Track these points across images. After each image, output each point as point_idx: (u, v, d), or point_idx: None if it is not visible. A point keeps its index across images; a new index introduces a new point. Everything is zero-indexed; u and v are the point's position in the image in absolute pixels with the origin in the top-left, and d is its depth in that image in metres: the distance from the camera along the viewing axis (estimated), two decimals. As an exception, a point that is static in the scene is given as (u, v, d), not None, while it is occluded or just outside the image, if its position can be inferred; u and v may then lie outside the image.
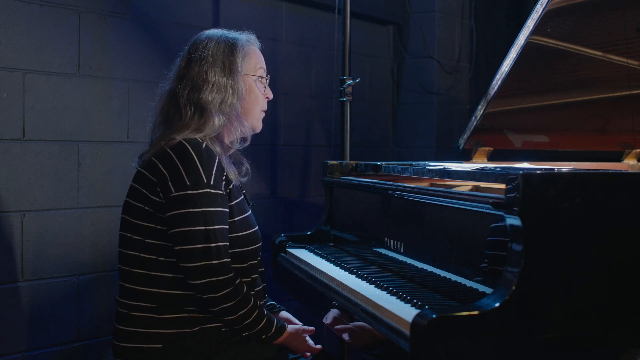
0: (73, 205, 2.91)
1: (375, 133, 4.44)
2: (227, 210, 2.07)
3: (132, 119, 3.07)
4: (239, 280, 2.03)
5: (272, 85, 2.35)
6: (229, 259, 2.03)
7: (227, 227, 2.05)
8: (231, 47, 2.17)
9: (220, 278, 1.99)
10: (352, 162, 2.91)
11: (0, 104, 2.67)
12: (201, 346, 2.04)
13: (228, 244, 2.05)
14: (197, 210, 1.98)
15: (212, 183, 2.01)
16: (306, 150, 3.97)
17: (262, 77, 2.24)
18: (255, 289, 2.19)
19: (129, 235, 2.09)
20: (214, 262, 1.98)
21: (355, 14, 3.86)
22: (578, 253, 1.70)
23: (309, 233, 2.91)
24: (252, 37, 2.27)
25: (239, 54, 2.17)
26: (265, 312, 2.10)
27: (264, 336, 2.09)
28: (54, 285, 2.86)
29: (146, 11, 3.15)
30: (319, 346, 2.23)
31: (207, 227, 1.99)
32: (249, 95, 2.20)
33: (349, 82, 3.24)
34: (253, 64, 2.22)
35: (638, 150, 2.88)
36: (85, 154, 2.93)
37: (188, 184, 1.99)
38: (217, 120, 2.10)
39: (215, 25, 3.38)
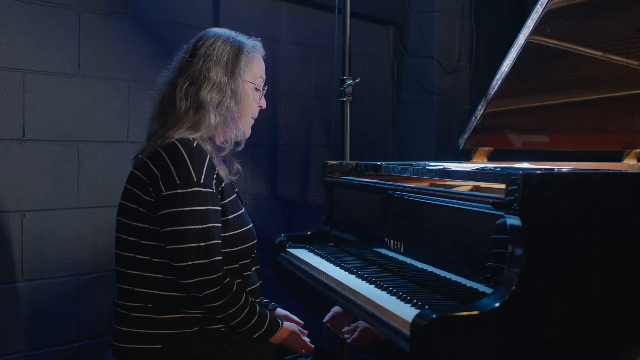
0: (73, 205, 2.91)
1: (375, 133, 4.44)
2: (219, 208, 2.07)
3: (132, 119, 3.07)
4: (228, 279, 2.02)
5: (272, 85, 2.35)
6: (220, 257, 2.02)
7: (218, 224, 2.05)
8: (237, 50, 2.18)
9: (208, 277, 1.98)
10: (352, 162, 2.90)
11: (0, 104, 2.67)
12: (201, 346, 2.04)
13: (220, 241, 2.04)
14: (186, 209, 1.98)
15: (202, 181, 2.01)
16: (306, 150, 3.97)
17: (259, 87, 2.24)
18: (251, 287, 2.19)
19: (124, 236, 2.10)
20: (203, 261, 1.97)
21: (355, 14, 3.86)
22: (578, 253, 1.70)
23: (309, 233, 2.91)
24: (258, 45, 2.27)
25: (243, 59, 2.18)
26: (259, 309, 2.09)
27: (256, 334, 2.07)
28: (54, 285, 2.86)
29: (146, 11, 3.15)
30: (312, 345, 2.22)
31: (197, 226, 1.98)
32: (244, 101, 2.21)
33: (349, 82, 3.23)
34: (254, 71, 2.22)
35: (638, 150, 2.88)
36: (85, 154, 2.93)
37: (178, 182, 1.99)
38: (213, 120, 2.10)
39: (216, 25, 3.37)
